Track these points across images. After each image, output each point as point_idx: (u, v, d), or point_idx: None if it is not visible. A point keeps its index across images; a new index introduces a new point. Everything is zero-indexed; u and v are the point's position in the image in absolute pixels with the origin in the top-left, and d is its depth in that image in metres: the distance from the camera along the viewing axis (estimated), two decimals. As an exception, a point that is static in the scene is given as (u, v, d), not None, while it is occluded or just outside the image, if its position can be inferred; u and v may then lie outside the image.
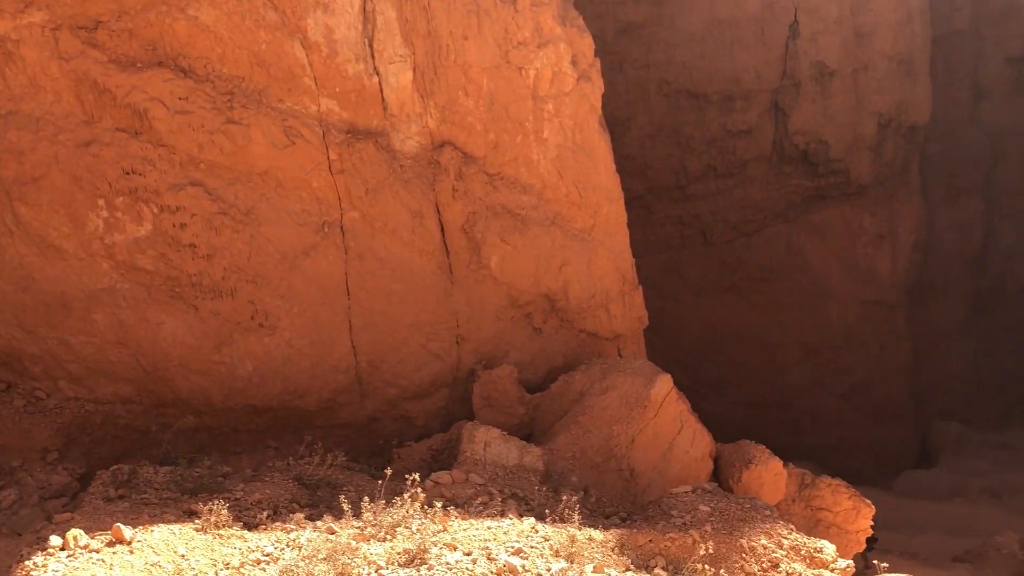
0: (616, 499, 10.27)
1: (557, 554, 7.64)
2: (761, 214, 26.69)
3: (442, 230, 11.63)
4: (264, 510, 8.27)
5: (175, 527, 7.60)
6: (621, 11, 23.79)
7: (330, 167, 10.73)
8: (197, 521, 7.69)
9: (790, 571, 8.30)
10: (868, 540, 17.73)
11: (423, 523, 7.65)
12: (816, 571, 8.42)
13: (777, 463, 11.66)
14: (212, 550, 7.28)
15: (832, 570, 8.59)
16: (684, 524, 8.70)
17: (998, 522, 22.00)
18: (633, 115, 25.04)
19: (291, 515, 8.04)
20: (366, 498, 7.86)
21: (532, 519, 8.31)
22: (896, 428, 28.69)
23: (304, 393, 11.03)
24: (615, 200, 13.83)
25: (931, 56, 28.01)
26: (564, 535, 7.92)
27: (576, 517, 8.28)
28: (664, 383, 11.30)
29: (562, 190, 12.93)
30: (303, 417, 11.19)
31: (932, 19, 28.01)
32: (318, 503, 8.76)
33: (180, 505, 8.33)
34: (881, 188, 27.20)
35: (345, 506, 7.68)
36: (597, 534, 8.22)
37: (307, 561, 6.84)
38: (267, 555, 7.25)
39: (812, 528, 12.13)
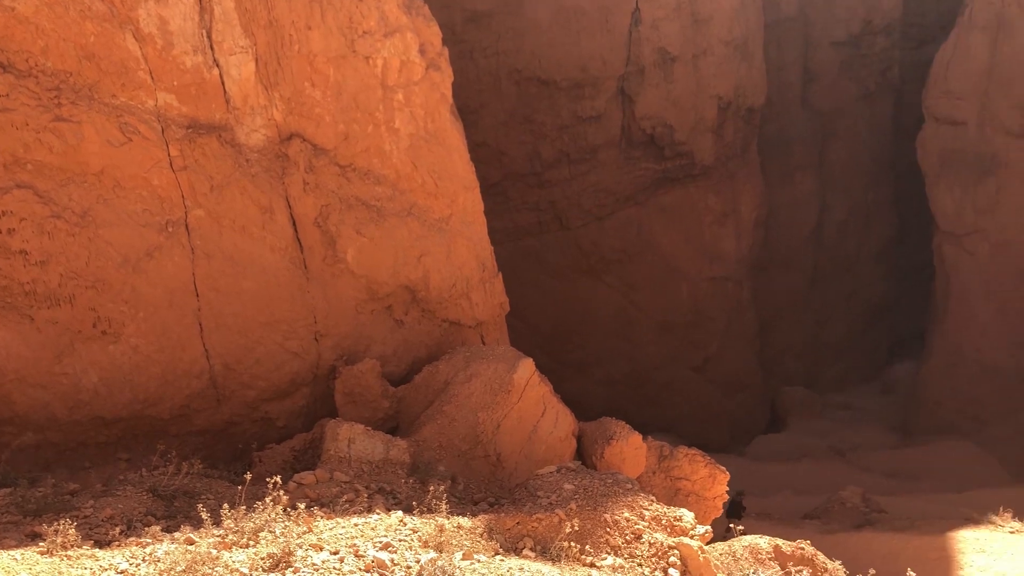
0: (484, 485, 10.37)
1: (426, 545, 7.64)
2: (613, 198, 27.44)
3: (294, 225, 11.35)
4: (117, 526, 7.85)
5: (17, 552, 7.12)
6: (468, 0, 23.85)
7: (171, 164, 10.27)
8: (42, 544, 7.22)
9: (652, 541, 8.62)
10: (738, 507, 18.67)
11: (287, 526, 7.48)
12: (676, 539, 8.77)
13: (637, 437, 12.06)
14: (60, 573, 6.87)
15: (692, 536, 8.98)
16: (550, 504, 8.88)
17: (842, 478, 23.59)
18: (485, 103, 25.20)
19: (146, 529, 7.68)
20: (226, 505, 7.60)
21: (400, 512, 8.28)
22: (747, 396, 30.25)
23: (156, 401, 10.55)
24: (471, 188, 13.89)
25: (764, 41, 29.50)
26: (432, 525, 7.93)
27: (444, 506, 8.30)
28: (526, 367, 11.48)
29: (417, 180, 12.87)
30: (156, 426, 10.71)
31: (763, 6, 29.48)
32: (175, 514, 8.41)
33: (22, 528, 7.80)
34: (723, 169, 28.48)
35: (204, 515, 7.40)
36: (465, 521, 8.28)
37: (165, 575, 6.57)
38: (121, 572, 6.90)
39: (672, 497, 12.64)
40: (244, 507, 7.62)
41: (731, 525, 11.40)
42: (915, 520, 18.49)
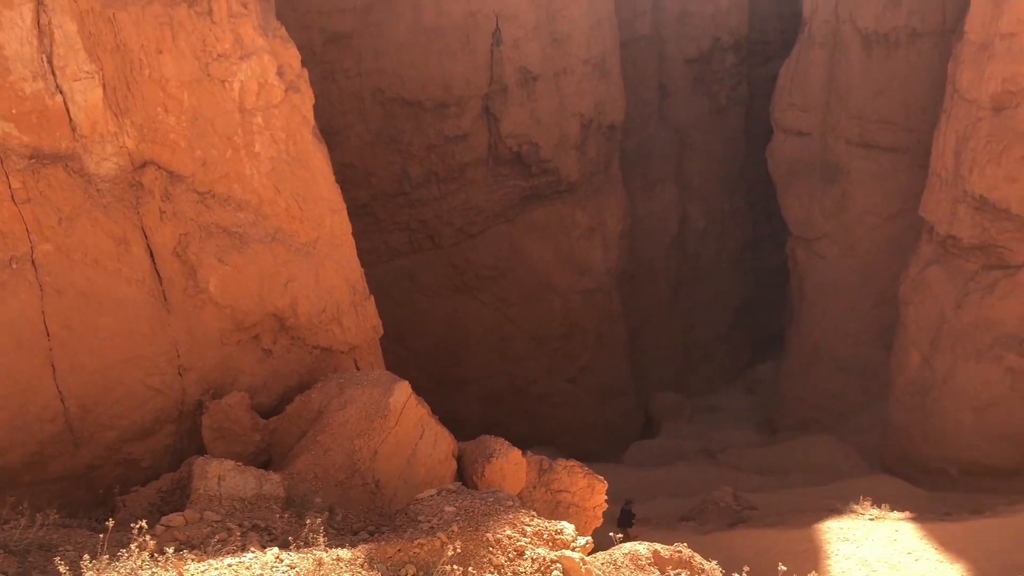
0: (364, 514, 10.16)
1: (305, 580, 7.42)
2: (483, 215, 27.61)
3: (152, 256, 10.87)
4: (-37, 589, 7.29)
5: None
6: (327, 21, 23.54)
7: (13, 197, 9.66)
8: None
9: (535, 556, 8.66)
10: (628, 515, 18.98)
11: (155, 572, 7.11)
12: (559, 552, 8.84)
13: (516, 453, 12.10)
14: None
15: (573, 548, 9.07)
16: (431, 528, 8.79)
17: (715, 478, 24.43)
18: (350, 124, 24.91)
19: (-2, 589, 7.16)
20: (87, 556, 7.15)
21: (276, 549, 8.00)
22: (621, 404, 30.96)
23: (5, 449, 9.85)
24: (338, 211, 13.67)
25: (621, 59, 30.40)
26: (310, 560, 7.71)
27: (322, 539, 8.08)
28: (402, 391, 11.35)
29: (281, 204, 12.57)
30: (7, 475, 9.99)
31: (619, 25, 30.39)
32: (30, 570, 7.85)
33: None
34: (588, 184, 29.13)
35: (62, 568, 6.93)
36: (345, 553, 8.08)
37: (21, 638, 6.12)
38: (-30, 640, 6.40)
39: (553, 511, 12.74)
40: (107, 556, 7.19)
41: (610, 533, 11.58)
42: (784, 515, 19.36)
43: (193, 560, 7.62)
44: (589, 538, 9.57)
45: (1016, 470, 20.96)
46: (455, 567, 7.80)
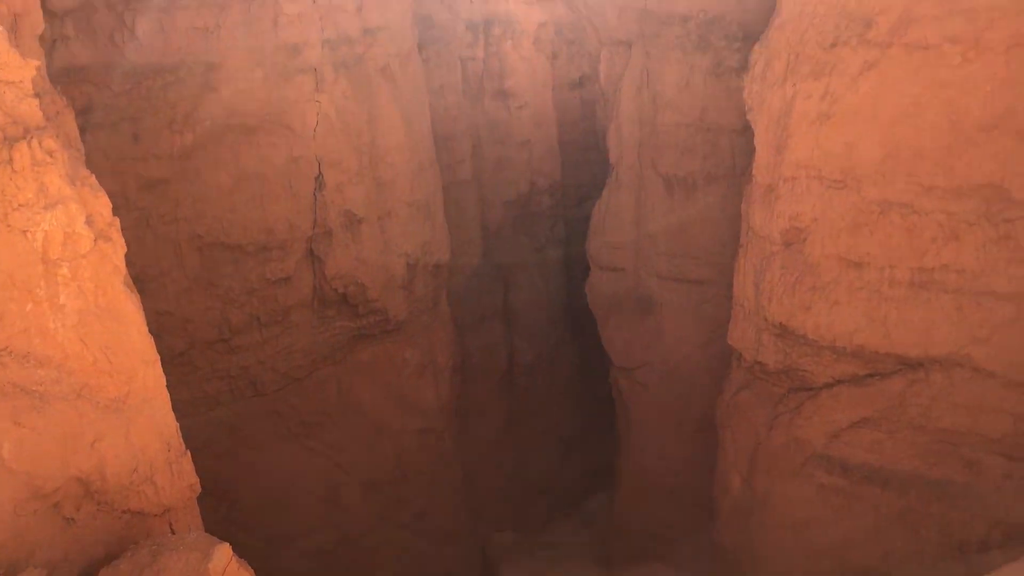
0: None
1: None
2: (309, 359, 26.98)
3: (-66, 422, 9.85)
4: None
5: None
6: (143, 167, 22.96)
7: None
8: None
9: None
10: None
11: None
12: None
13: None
14: None
15: None
16: None
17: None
18: (166, 270, 24.01)
19: None
20: None
21: None
22: (458, 547, 30.25)
23: None
24: (151, 363, 12.95)
25: (444, 202, 31.35)
26: None
27: None
28: (222, 554, 10.60)
29: (88, 358, 11.79)
30: None
31: (440, 169, 31.49)
32: None
33: None
34: (417, 322, 29.27)
35: None
36: None
37: None
38: None
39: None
40: None
41: None
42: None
43: None
44: None
45: (836, 586, 21.85)
46: None
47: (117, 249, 12.69)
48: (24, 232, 10.99)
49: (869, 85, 19.02)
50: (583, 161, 39.39)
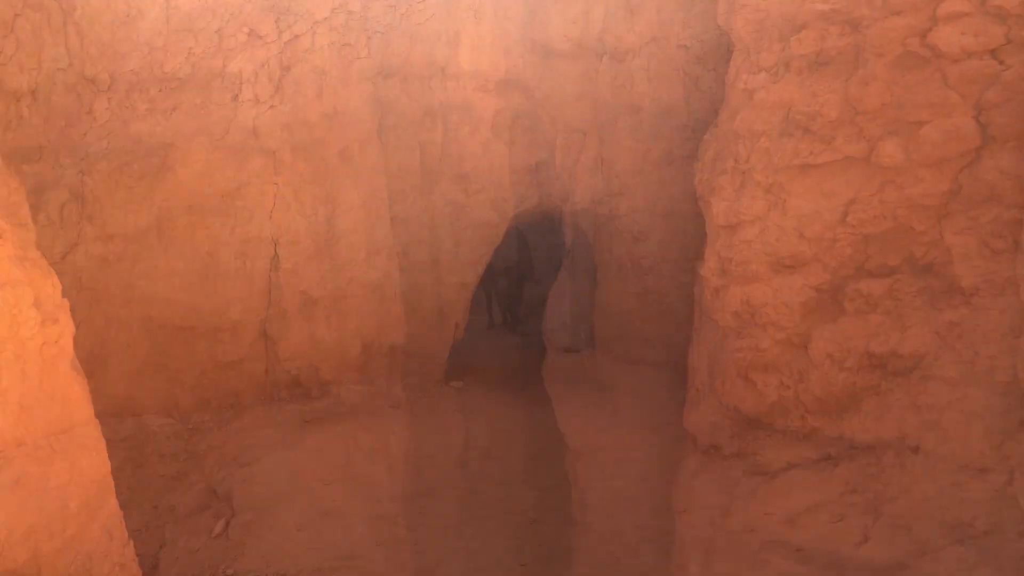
0: None
1: None
2: (261, 442, 26.40)
3: None
4: None
5: None
6: (96, 248, 22.77)
7: None
8: None
9: None
10: None
11: None
12: None
13: None
14: None
15: None
16: None
17: None
18: (115, 352, 23.59)
19: None
20: None
21: None
22: (411, 639, 29.23)
23: None
24: (95, 449, 12.62)
25: (402, 284, 31.34)
26: None
27: None
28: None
29: (29, 445, 11.46)
30: None
31: (398, 252, 31.54)
32: None
33: None
34: (371, 405, 28.87)
35: None
36: None
37: None
38: None
39: None
40: None
41: None
42: None
43: None
44: None
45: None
46: None
47: (65, 332, 12.50)
48: (-31, 315, 10.79)
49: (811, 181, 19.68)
50: (539, 244, 39.90)
